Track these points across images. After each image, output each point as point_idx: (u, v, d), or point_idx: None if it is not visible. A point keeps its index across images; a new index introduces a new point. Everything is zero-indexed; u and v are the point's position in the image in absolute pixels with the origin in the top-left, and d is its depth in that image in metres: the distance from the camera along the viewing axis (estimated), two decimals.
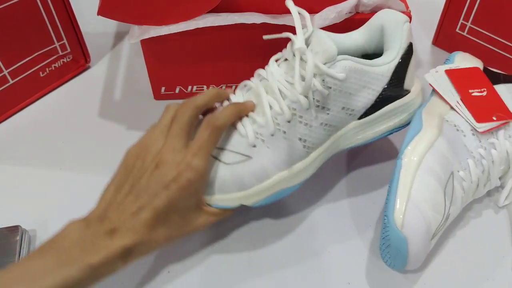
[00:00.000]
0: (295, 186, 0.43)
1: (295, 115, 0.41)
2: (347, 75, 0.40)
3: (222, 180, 0.40)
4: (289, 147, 0.41)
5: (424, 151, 0.42)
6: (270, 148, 0.41)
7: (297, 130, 0.41)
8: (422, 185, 0.40)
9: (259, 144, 0.41)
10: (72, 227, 0.36)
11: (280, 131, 0.41)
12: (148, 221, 0.36)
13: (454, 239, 0.45)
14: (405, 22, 0.43)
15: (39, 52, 0.55)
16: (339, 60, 0.40)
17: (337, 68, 0.40)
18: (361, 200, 0.48)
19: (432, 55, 0.63)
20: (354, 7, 0.49)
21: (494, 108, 0.45)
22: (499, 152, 0.43)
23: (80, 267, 0.33)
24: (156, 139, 0.38)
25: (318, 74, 0.40)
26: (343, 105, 0.42)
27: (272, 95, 0.41)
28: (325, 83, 0.40)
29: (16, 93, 0.55)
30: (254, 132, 0.41)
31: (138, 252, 0.36)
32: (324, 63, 0.40)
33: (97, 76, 0.61)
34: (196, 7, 0.47)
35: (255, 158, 0.41)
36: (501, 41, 0.56)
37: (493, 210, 0.47)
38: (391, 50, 0.43)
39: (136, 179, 0.37)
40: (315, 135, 0.42)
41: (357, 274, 0.43)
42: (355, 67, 0.41)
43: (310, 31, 0.42)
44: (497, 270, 0.43)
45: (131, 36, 0.49)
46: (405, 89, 0.45)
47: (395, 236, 0.38)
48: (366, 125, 0.44)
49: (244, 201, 0.41)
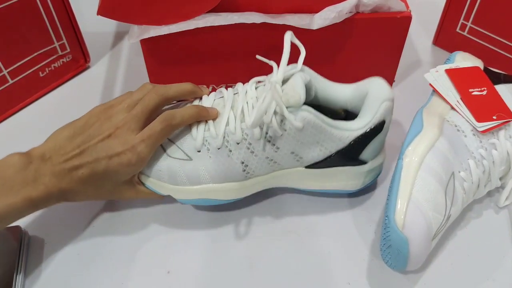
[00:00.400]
0: (224, 201, 0.45)
1: (245, 140, 0.42)
2: (304, 126, 0.41)
3: (159, 168, 0.43)
4: (229, 165, 0.43)
5: (425, 152, 0.42)
6: (211, 159, 0.42)
7: (242, 154, 0.42)
8: (423, 185, 0.40)
9: (204, 151, 0.43)
10: (15, 159, 0.39)
11: (226, 148, 0.42)
12: (83, 179, 0.40)
13: (454, 239, 0.45)
14: (386, 101, 0.42)
15: (38, 52, 0.55)
16: (303, 110, 0.40)
17: (297, 116, 0.40)
18: (361, 200, 0.48)
19: (433, 55, 0.63)
20: (354, 7, 0.49)
21: (495, 107, 0.45)
22: (499, 153, 0.43)
23: (21, 198, 0.38)
24: (120, 111, 0.42)
25: (278, 114, 0.40)
26: (293, 150, 0.42)
27: (235, 112, 0.42)
28: (282, 124, 0.41)
29: (16, 93, 0.55)
30: (204, 138, 0.42)
31: (71, 198, 0.41)
32: (288, 107, 0.40)
33: (97, 76, 0.61)
34: (196, 7, 0.47)
35: (195, 162, 0.43)
36: (502, 41, 0.56)
37: (493, 211, 0.47)
38: (361, 119, 0.42)
39: (89, 138, 0.40)
40: (258, 165, 0.43)
41: (357, 274, 0.43)
42: (314, 122, 0.40)
43: (298, 68, 0.42)
44: (497, 271, 0.43)
45: (131, 36, 0.49)
46: (361, 160, 0.44)
47: (396, 237, 0.38)
48: (311, 176, 0.45)
49: (172, 194, 0.44)
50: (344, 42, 0.52)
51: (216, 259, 0.44)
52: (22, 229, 0.44)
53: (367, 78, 0.44)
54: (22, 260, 0.42)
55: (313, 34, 0.48)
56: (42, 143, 0.41)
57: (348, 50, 0.53)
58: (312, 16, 0.48)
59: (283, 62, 0.41)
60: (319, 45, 0.52)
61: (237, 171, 0.43)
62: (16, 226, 0.44)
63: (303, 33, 0.48)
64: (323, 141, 0.42)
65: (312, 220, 0.47)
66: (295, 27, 0.48)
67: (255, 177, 0.44)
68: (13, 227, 0.44)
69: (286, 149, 0.42)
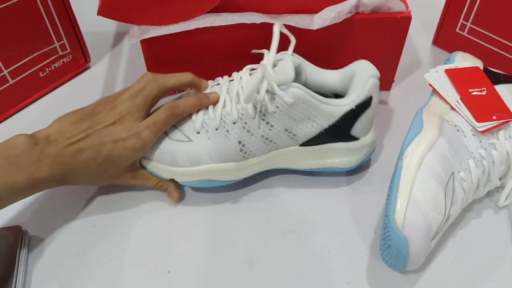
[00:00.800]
0: (224, 182, 0.47)
1: (241, 120, 0.44)
2: (294, 102, 0.43)
3: (162, 151, 0.45)
4: (227, 145, 0.45)
5: (424, 152, 0.42)
6: (210, 139, 0.45)
7: (239, 134, 0.44)
8: (423, 185, 0.40)
9: (203, 132, 0.45)
10: (22, 139, 0.40)
11: (224, 128, 0.44)
12: (86, 161, 0.41)
13: (454, 239, 0.45)
14: (372, 77, 0.44)
15: (39, 52, 0.55)
16: (293, 87, 0.42)
17: (288, 93, 0.42)
18: (361, 200, 0.48)
19: (432, 55, 0.63)
20: (354, 7, 0.49)
21: (494, 107, 0.45)
22: (499, 153, 0.43)
23: (26, 178, 0.39)
24: (124, 100, 0.43)
25: (270, 92, 0.43)
26: (286, 127, 0.44)
27: (230, 96, 0.45)
28: (274, 101, 0.43)
29: (16, 93, 0.55)
30: (203, 121, 0.45)
31: (71, 181, 0.42)
32: (279, 85, 0.42)
33: (97, 76, 0.61)
34: (196, 7, 0.47)
35: (195, 143, 0.45)
36: (501, 41, 0.56)
37: (493, 211, 0.47)
38: (349, 96, 0.45)
39: (94, 124, 0.42)
40: (254, 144, 0.45)
41: (357, 274, 0.43)
42: (303, 97, 0.43)
43: (288, 53, 0.44)
44: (497, 270, 0.43)
45: (131, 36, 0.49)
46: (352, 136, 0.46)
47: (395, 237, 0.38)
48: (306, 153, 0.47)
49: (175, 176, 0.46)
50: (344, 42, 0.52)
51: (216, 258, 0.44)
52: (22, 229, 0.44)
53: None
54: (22, 260, 0.42)
55: (313, 34, 0.48)
56: (47, 127, 0.42)
57: (348, 50, 0.53)
58: (312, 16, 0.48)
59: (273, 47, 0.43)
60: (319, 45, 0.52)
61: (235, 150, 0.45)
62: (16, 226, 0.44)
63: (303, 33, 0.49)
64: (314, 116, 0.44)
65: (312, 220, 0.47)
66: (295, 27, 0.48)
67: (253, 157, 0.46)
68: (13, 227, 0.44)
69: (279, 126, 0.44)
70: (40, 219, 0.46)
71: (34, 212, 0.47)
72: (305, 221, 0.46)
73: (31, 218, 0.46)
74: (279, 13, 0.49)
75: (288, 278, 0.43)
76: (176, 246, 0.45)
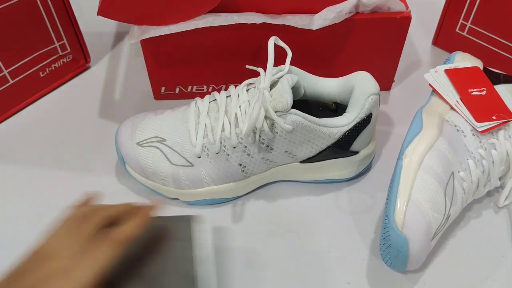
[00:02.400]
0: (227, 199, 0.48)
1: (241, 144, 0.44)
2: (294, 128, 0.42)
3: (164, 175, 0.45)
4: (228, 168, 0.45)
5: (424, 151, 0.42)
6: (211, 163, 0.45)
7: (239, 157, 0.44)
8: (423, 185, 0.40)
9: (204, 156, 0.45)
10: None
11: (224, 152, 0.44)
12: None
13: (454, 239, 0.45)
14: (372, 95, 0.43)
15: (39, 52, 0.55)
16: (292, 114, 0.42)
17: (286, 120, 0.42)
18: (361, 200, 0.48)
19: (432, 55, 0.63)
20: (354, 7, 0.49)
21: (494, 107, 0.45)
22: (499, 153, 0.43)
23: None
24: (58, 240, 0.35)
25: (269, 118, 0.42)
26: (286, 149, 0.44)
27: (229, 117, 0.44)
28: (273, 127, 0.43)
29: (16, 93, 0.55)
30: (203, 145, 0.44)
31: None
32: (277, 111, 0.42)
33: (97, 76, 0.61)
34: (196, 7, 0.47)
35: (196, 167, 0.45)
36: (501, 41, 0.56)
37: (493, 211, 0.47)
38: (349, 115, 0.44)
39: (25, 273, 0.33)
40: (255, 165, 0.45)
41: (357, 274, 0.43)
42: (302, 124, 0.42)
43: (285, 71, 0.44)
44: (497, 270, 0.43)
45: (131, 36, 0.49)
46: (352, 151, 0.46)
47: (395, 237, 0.38)
48: (307, 169, 0.47)
49: (178, 196, 0.47)
50: (343, 43, 0.52)
51: (216, 258, 0.44)
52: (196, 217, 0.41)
53: (357, 72, 0.45)
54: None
55: (313, 34, 0.48)
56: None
57: (348, 50, 0.53)
58: (312, 17, 0.48)
59: (269, 68, 0.42)
60: (319, 45, 0.52)
61: (236, 172, 0.45)
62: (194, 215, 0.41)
63: (303, 34, 0.49)
64: (314, 139, 0.44)
65: (312, 219, 0.47)
66: (295, 27, 0.48)
67: (254, 175, 0.46)
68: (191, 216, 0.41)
69: (279, 149, 0.44)
70: (39, 218, 0.46)
71: (34, 212, 0.47)
72: (305, 221, 0.46)
73: (30, 218, 0.46)
74: (279, 13, 0.49)
75: (288, 278, 0.43)
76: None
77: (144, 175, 0.46)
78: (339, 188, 0.49)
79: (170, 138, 0.45)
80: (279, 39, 0.44)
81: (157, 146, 0.45)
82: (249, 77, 0.46)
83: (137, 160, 0.46)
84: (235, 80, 0.55)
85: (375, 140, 0.49)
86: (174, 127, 0.46)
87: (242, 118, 0.43)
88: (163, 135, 0.46)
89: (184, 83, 0.56)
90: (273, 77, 0.43)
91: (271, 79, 0.42)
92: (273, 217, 0.47)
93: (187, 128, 0.45)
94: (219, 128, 0.44)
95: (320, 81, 0.47)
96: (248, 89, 0.45)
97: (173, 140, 0.45)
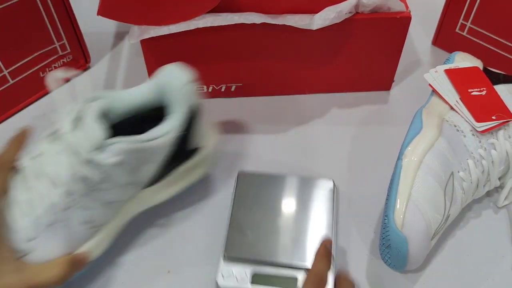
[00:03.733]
0: (93, 262, 0.41)
1: (73, 201, 0.37)
2: (123, 158, 0.37)
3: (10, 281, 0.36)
4: (71, 233, 0.38)
5: (424, 152, 0.42)
6: (50, 239, 0.38)
7: (77, 216, 0.38)
8: (422, 185, 0.40)
9: (38, 236, 0.37)
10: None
11: (58, 220, 0.37)
12: None
13: (454, 239, 0.45)
14: (186, 85, 0.40)
15: (39, 52, 0.55)
16: (112, 144, 0.36)
17: (108, 153, 0.36)
18: (361, 200, 0.48)
19: (432, 55, 0.63)
20: (354, 7, 0.49)
21: (494, 107, 0.45)
22: (499, 153, 0.43)
23: None
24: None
25: (88, 161, 0.36)
26: (125, 182, 0.39)
27: (43, 181, 0.37)
28: (97, 168, 0.37)
29: (16, 93, 0.55)
30: (31, 225, 0.37)
31: None
32: (93, 150, 0.36)
33: (97, 76, 0.61)
34: (195, 7, 0.47)
35: (36, 251, 0.37)
36: (501, 41, 0.56)
37: (492, 211, 0.47)
38: (171, 115, 0.40)
39: None
40: (99, 215, 0.39)
41: (357, 274, 0.43)
42: (130, 148, 0.37)
43: (83, 103, 0.38)
44: (496, 270, 0.43)
45: (131, 36, 0.49)
46: (191, 150, 0.43)
47: (395, 236, 0.38)
48: (155, 191, 0.43)
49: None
50: (343, 42, 0.52)
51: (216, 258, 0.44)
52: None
53: (160, 68, 0.42)
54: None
55: (313, 34, 0.48)
56: None
57: (347, 50, 0.53)
58: (312, 17, 0.48)
59: (61, 112, 0.38)
60: (319, 45, 0.52)
61: (82, 233, 0.39)
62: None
63: (303, 33, 0.49)
64: (149, 157, 0.40)
65: None
66: (295, 27, 0.48)
67: (105, 226, 0.41)
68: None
69: (117, 184, 0.39)
70: None
71: None
72: None
73: None
74: (279, 13, 0.49)
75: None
76: (176, 245, 0.45)
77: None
78: (339, 187, 0.49)
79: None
80: (58, 72, 0.39)
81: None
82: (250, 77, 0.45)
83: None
84: (235, 80, 0.56)
85: (213, 128, 0.46)
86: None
87: (58, 175, 0.37)
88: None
89: None
90: (72, 115, 0.37)
91: (69, 119, 0.37)
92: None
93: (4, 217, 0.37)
94: (38, 198, 0.37)
95: (129, 94, 0.42)
96: (53, 139, 0.38)
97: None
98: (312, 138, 0.53)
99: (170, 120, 0.40)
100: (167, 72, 0.41)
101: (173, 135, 0.40)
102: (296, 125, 0.55)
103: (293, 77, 0.56)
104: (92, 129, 0.36)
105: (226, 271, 0.41)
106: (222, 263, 0.42)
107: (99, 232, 0.40)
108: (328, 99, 0.57)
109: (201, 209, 0.48)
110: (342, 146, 0.52)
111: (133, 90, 0.42)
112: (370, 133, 0.54)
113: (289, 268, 0.41)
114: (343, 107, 0.56)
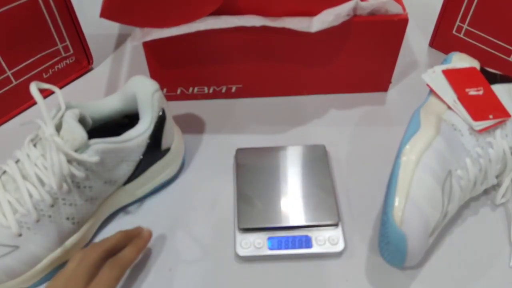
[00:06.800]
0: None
1: (58, 198, 0.41)
2: (101, 157, 0.41)
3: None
4: (57, 228, 0.42)
5: (422, 150, 0.42)
6: (37, 234, 0.41)
7: (63, 212, 0.42)
8: (421, 183, 0.40)
9: (25, 232, 0.40)
10: None
11: (45, 216, 0.41)
12: None
13: (451, 236, 0.45)
14: (155, 92, 0.44)
15: (42, 54, 0.56)
16: (92, 144, 0.41)
17: (90, 152, 0.41)
18: (360, 199, 0.48)
19: (429, 56, 0.63)
20: (352, 10, 0.49)
21: (491, 107, 0.45)
22: (496, 151, 0.44)
23: None
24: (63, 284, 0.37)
25: (72, 160, 0.40)
26: (105, 180, 0.43)
27: (30, 180, 0.41)
28: (81, 166, 0.41)
29: (20, 94, 0.56)
30: (18, 221, 0.40)
31: None
32: (76, 150, 0.40)
33: (100, 77, 0.61)
34: (197, 10, 0.48)
35: (23, 247, 0.40)
36: (498, 43, 0.57)
37: (490, 208, 0.48)
38: (144, 120, 0.44)
39: None
40: (82, 211, 0.43)
41: (355, 270, 0.43)
42: (108, 148, 0.42)
43: (63, 109, 0.42)
44: (494, 267, 0.43)
45: (133, 38, 0.49)
46: (164, 149, 0.47)
47: (394, 233, 0.39)
48: (132, 188, 0.47)
49: (22, 285, 0.42)
50: (342, 45, 0.53)
51: (217, 257, 0.44)
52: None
53: (129, 79, 0.46)
54: None
55: (312, 36, 0.49)
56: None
57: (346, 52, 0.54)
58: (311, 19, 0.49)
59: (44, 114, 0.40)
60: (317, 47, 0.53)
61: (67, 227, 0.42)
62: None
63: (302, 36, 0.49)
64: (125, 157, 0.44)
65: None
66: (294, 30, 0.48)
67: (87, 221, 0.44)
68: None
69: (98, 183, 0.43)
70: None
71: None
72: None
73: None
74: (278, 16, 0.50)
75: (288, 275, 0.43)
76: (177, 244, 0.45)
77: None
78: (339, 187, 0.49)
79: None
80: (40, 83, 0.42)
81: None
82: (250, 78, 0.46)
83: None
84: (235, 81, 0.56)
85: (178, 130, 0.50)
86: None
87: (44, 174, 0.40)
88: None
89: (186, 85, 0.57)
90: (54, 120, 0.41)
91: (53, 123, 0.40)
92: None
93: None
94: (25, 196, 0.40)
95: (102, 103, 0.46)
96: (35, 143, 0.42)
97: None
98: (311, 138, 0.54)
99: (141, 124, 0.44)
100: (134, 83, 0.45)
101: (145, 136, 0.44)
102: (295, 126, 0.55)
103: (292, 79, 0.56)
104: (75, 131, 0.40)
105: (244, 242, 0.44)
106: (238, 235, 0.44)
107: (81, 226, 0.44)
108: (326, 100, 0.58)
109: (202, 208, 0.48)
110: (340, 146, 0.53)
111: (104, 100, 0.46)
112: (367, 134, 0.54)
113: (301, 228, 0.44)
114: (341, 108, 0.57)
